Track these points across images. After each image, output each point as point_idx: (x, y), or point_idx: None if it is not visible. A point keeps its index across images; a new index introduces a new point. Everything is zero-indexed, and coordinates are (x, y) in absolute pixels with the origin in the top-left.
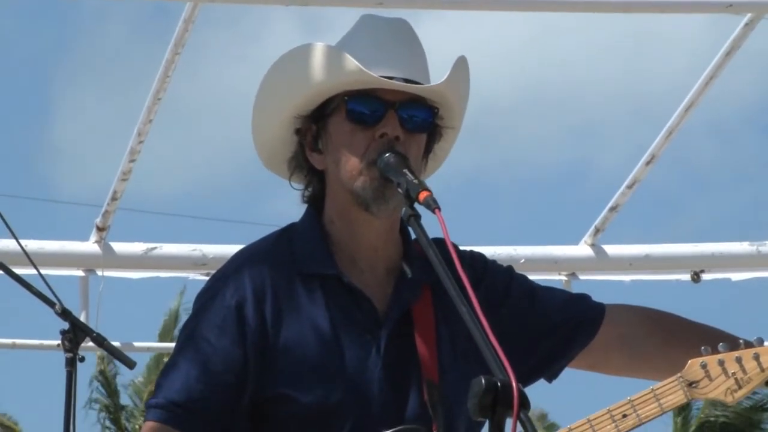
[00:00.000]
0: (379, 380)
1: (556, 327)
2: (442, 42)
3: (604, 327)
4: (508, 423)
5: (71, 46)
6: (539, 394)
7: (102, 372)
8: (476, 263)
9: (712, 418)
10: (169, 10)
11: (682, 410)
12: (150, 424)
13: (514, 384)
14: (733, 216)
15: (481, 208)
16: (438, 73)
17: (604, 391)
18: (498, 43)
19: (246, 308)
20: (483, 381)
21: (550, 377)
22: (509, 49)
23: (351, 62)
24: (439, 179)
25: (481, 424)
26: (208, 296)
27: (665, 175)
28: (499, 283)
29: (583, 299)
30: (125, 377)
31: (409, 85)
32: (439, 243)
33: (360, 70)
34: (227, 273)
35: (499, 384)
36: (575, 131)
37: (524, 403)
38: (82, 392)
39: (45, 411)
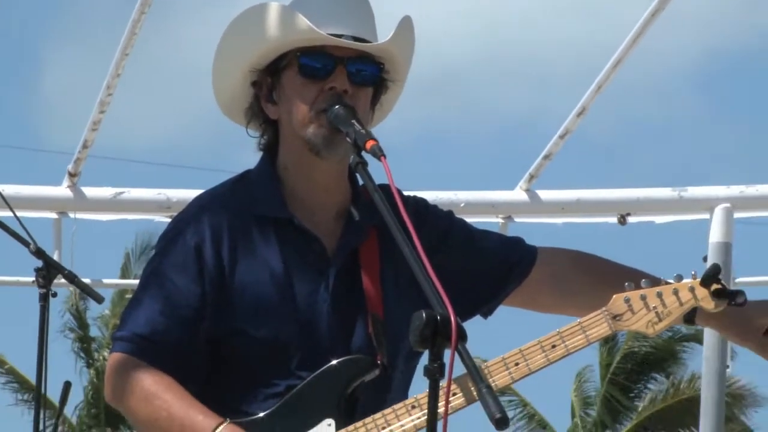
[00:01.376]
0: (327, 314)
1: (493, 268)
2: (400, 2)
3: (536, 267)
4: (447, 354)
5: (59, 3)
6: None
7: (74, 305)
8: (419, 207)
9: (635, 349)
10: None
11: (608, 341)
12: (116, 355)
13: (452, 317)
14: (661, 167)
15: (433, 159)
16: (389, 31)
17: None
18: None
19: (205, 249)
20: (424, 315)
21: (486, 314)
22: (464, 8)
23: (303, 21)
24: (396, 132)
25: (420, 354)
26: (169, 237)
27: (599, 127)
28: (440, 226)
29: (518, 242)
30: (94, 311)
31: (356, 43)
32: (385, 188)
33: (311, 29)
34: (187, 216)
35: (438, 317)
36: (527, 87)
37: (462, 335)
38: (56, 324)
39: (21, 342)
